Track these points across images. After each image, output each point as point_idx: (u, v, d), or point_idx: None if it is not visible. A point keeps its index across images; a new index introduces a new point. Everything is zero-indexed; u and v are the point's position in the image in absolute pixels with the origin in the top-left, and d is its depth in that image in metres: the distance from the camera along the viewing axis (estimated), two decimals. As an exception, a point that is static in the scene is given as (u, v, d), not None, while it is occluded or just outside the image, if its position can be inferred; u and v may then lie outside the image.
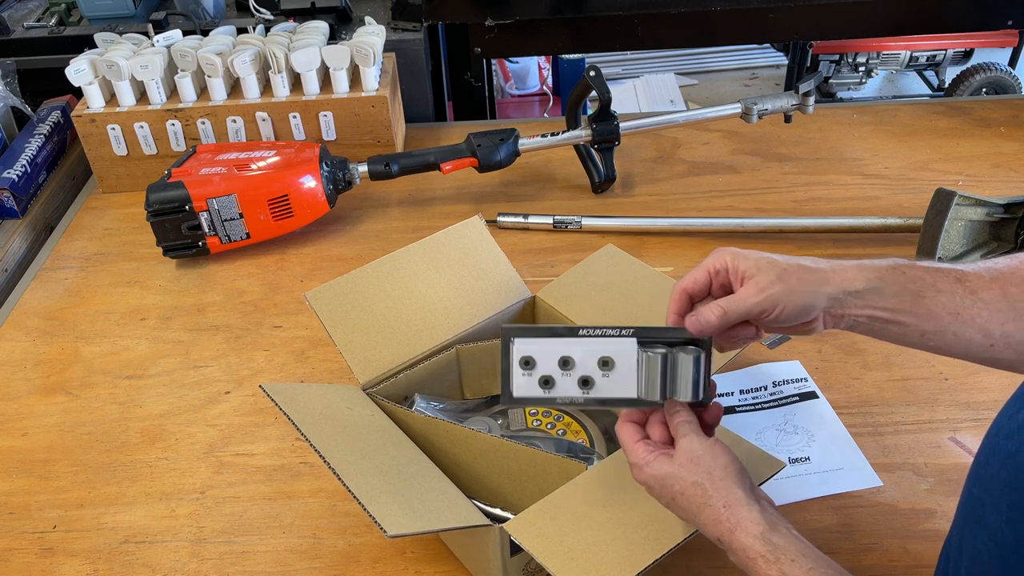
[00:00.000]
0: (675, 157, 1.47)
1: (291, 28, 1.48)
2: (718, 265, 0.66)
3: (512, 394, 0.67)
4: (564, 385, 0.66)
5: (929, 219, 1.08)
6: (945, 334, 0.64)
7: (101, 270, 1.29)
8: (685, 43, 3.07)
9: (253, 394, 1.05)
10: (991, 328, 0.62)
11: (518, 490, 0.78)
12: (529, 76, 3.30)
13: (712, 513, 0.62)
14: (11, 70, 1.53)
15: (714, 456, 0.65)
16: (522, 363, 0.66)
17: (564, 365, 0.66)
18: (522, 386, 0.66)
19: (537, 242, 1.28)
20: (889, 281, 0.64)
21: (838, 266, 0.65)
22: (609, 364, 0.66)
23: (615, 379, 0.67)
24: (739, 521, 0.61)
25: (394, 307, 0.91)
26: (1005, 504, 0.48)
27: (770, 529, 0.61)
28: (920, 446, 0.92)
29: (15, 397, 1.08)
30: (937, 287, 0.63)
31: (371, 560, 0.85)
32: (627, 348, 0.67)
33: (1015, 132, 1.47)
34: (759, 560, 0.60)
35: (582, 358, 0.67)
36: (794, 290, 0.64)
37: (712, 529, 0.63)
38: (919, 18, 1.64)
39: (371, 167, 1.30)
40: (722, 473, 0.64)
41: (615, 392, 0.67)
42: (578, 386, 0.67)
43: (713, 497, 0.63)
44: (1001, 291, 0.62)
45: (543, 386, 0.66)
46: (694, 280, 0.67)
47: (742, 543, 0.61)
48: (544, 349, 0.66)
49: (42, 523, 0.91)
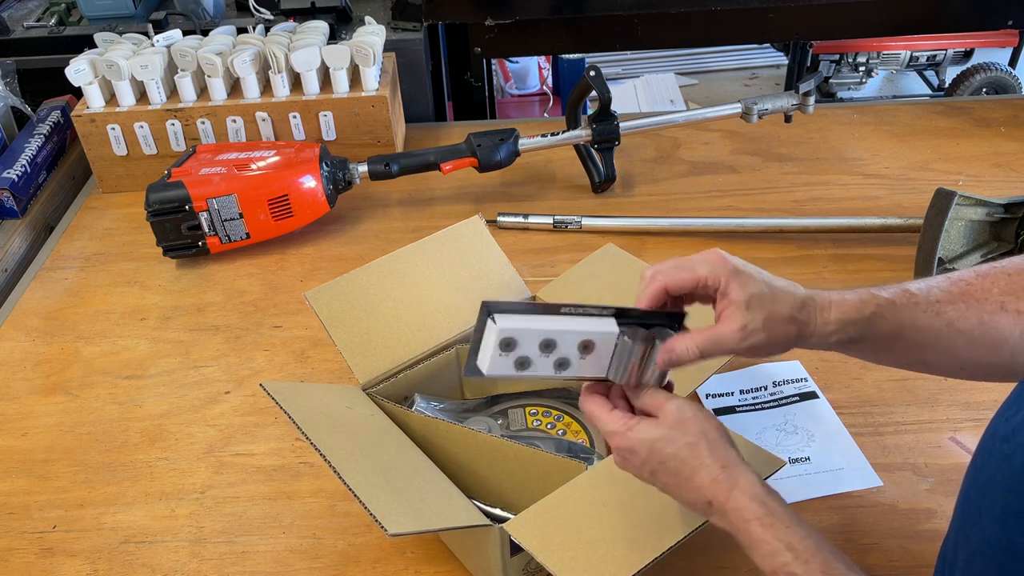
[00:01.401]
0: (675, 157, 1.47)
1: (291, 28, 1.48)
2: (710, 281, 0.64)
3: (480, 369, 0.63)
4: (539, 366, 0.64)
5: (929, 219, 1.08)
6: (926, 365, 0.67)
7: (101, 270, 1.29)
8: (685, 43, 3.07)
9: (253, 394, 1.05)
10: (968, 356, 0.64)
11: (518, 490, 0.78)
12: (529, 76, 3.30)
13: (709, 473, 0.61)
14: (11, 70, 1.53)
15: (706, 418, 0.64)
16: (502, 344, 0.62)
17: (545, 348, 0.64)
18: (496, 364, 0.63)
19: (537, 242, 1.28)
20: (868, 333, 0.64)
21: (822, 314, 0.64)
22: (589, 348, 0.65)
23: (590, 361, 0.66)
24: (736, 481, 0.61)
25: (394, 307, 0.91)
26: (1000, 507, 0.48)
27: (766, 493, 0.61)
28: (920, 446, 0.92)
29: (15, 397, 1.08)
30: (915, 324, 0.64)
31: (371, 560, 0.85)
32: (607, 328, 0.65)
33: (1015, 132, 1.47)
34: (754, 522, 0.59)
35: (564, 341, 0.64)
36: (775, 342, 0.63)
37: (708, 490, 0.61)
38: (919, 18, 1.64)
39: (371, 167, 1.30)
40: (716, 435, 0.63)
41: (587, 372, 0.66)
42: (553, 368, 0.65)
43: (710, 457, 0.62)
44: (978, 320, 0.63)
45: (518, 367, 0.64)
46: (679, 283, 0.65)
47: (738, 504, 0.60)
48: (526, 330, 0.63)
49: (42, 523, 0.91)
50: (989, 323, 0.62)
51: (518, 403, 0.95)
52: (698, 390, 0.99)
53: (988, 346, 0.63)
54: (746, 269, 0.64)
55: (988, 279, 0.64)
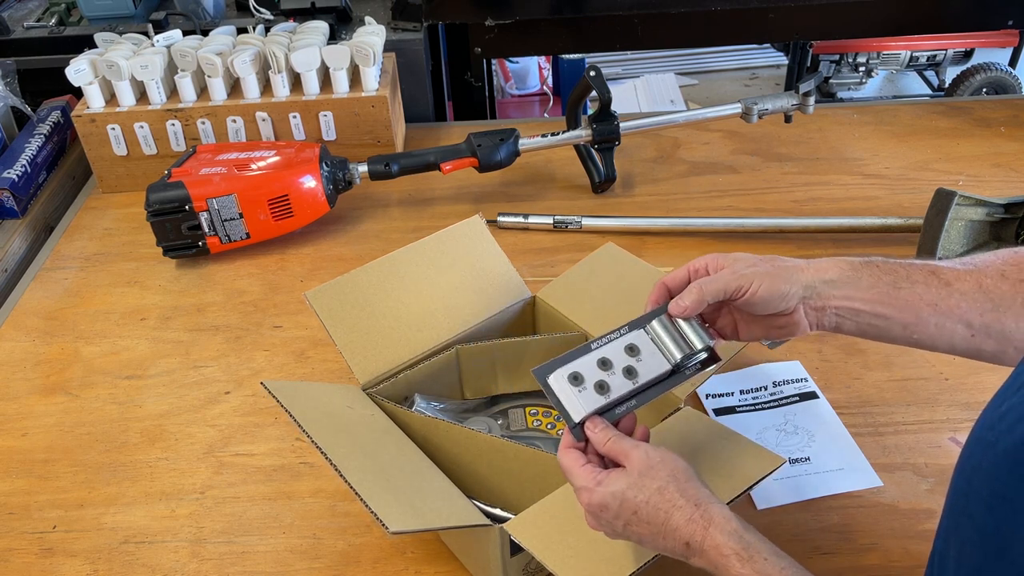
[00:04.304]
0: (675, 157, 1.47)
1: (291, 28, 1.48)
2: (697, 265, 0.70)
3: (576, 420, 0.67)
4: (616, 383, 0.68)
5: (929, 219, 1.08)
6: (927, 326, 0.65)
7: (101, 270, 1.29)
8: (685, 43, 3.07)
9: (253, 394, 1.05)
10: (971, 318, 0.64)
11: (518, 490, 0.78)
12: (529, 76, 3.30)
13: (683, 514, 0.61)
14: (11, 70, 1.53)
15: (673, 459, 0.64)
16: (571, 379, 0.68)
17: (603, 365, 0.68)
18: (582, 402, 0.67)
19: (537, 242, 1.28)
20: (863, 273, 0.66)
21: (813, 261, 0.68)
22: (635, 350, 0.69)
23: (647, 361, 0.69)
24: (712, 518, 0.61)
25: (394, 307, 0.91)
26: (986, 493, 0.48)
27: (743, 527, 0.61)
28: (920, 446, 0.92)
29: (15, 397, 1.08)
30: (911, 278, 0.65)
31: (371, 560, 0.85)
32: (634, 336, 0.70)
33: (1015, 132, 1.47)
34: (732, 558, 0.59)
35: (613, 354, 0.69)
36: (767, 272, 0.67)
37: (684, 531, 0.61)
38: (919, 18, 1.64)
39: (371, 167, 1.30)
40: (685, 475, 0.64)
41: (654, 370, 0.69)
42: (625, 377, 0.68)
43: (681, 497, 0.62)
44: (976, 282, 0.64)
45: (599, 391, 0.68)
46: (674, 276, 0.71)
47: (715, 541, 0.60)
48: (578, 360, 0.69)
49: (42, 523, 0.91)
50: (990, 287, 0.64)
51: (518, 403, 0.95)
52: (698, 390, 0.99)
53: (993, 310, 0.63)
54: (734, 254, 0.70)
55: (993, 255, 0.66)
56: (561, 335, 0.93)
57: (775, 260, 0.68)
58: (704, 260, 0.70)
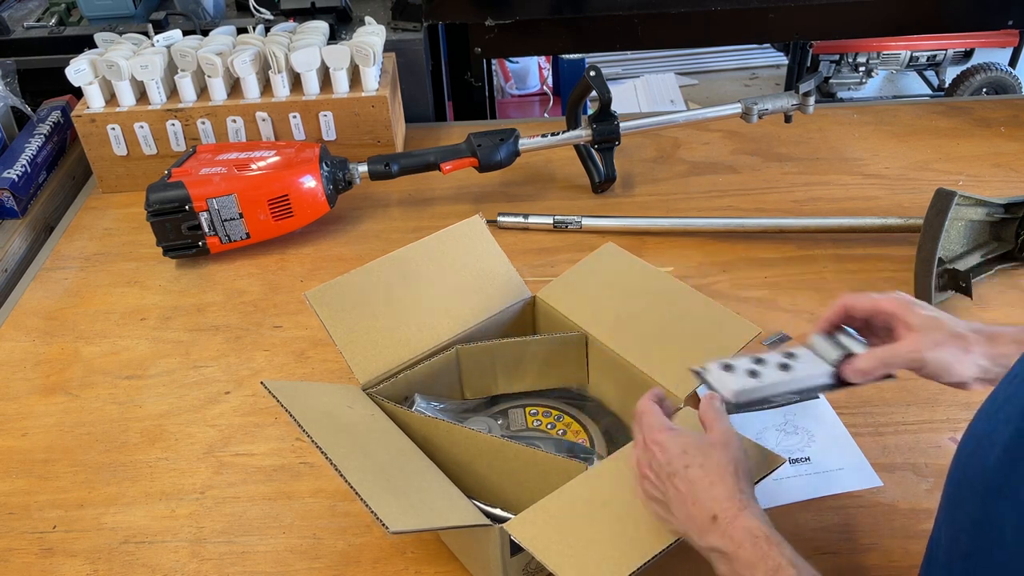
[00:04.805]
0: (675, 157, 1.47)
1: (291, 28, 1.48)
2: (885, 306, 0.73)
3: (730, 398, 0.72)
4: (768, 374, 0.73)
5: (929, 219, 1.08)
6: None
7: (101, 270, 1.29)
8: (685, 43, 3.07)
9: (253, 394, 1.05)
10: None
11: (518, 490, 0.78)
12: (529, 76, 3.30)
13: (727, 490, 0.64)
14: (11, 70, 1.53)
15: (745, 457, 0.68)
16: (723, 367, 0.74)
17: (758, 362, 0.75)
18: (735, 383, 0.73)
19: (537, 242, 1.28)
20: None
21: (997, 335, 0.70)
22: (792, 355, 0.75)
23: (802, 360, 0.75)
24: (749, 504, 0.63)
25: (394, 307, 0.91)
26: (980, 484, 0.49)
27: (770, 523, 0.63)
28: (920, 446, 0.92)
29: (15, 397, 1.08)
30: None
31: (371, 560, 0.85)
32: (794, 348, 0.76)
33: (1015, 132, 1.47)
34: (762, 539, 0.61)
35: (769, 356, 0.76)
36: (952, 361, 0.69)
37: (720, 504, 0.63)
38: (919, 18, 1.64)
39: (371, 167, 1.30)
40: (746, 471, 0.67)
41: (808, 367, 0.74)
42: (779, 369, 0.74)
43: (734, 478, 0.65)
44: None
45: (751, 376, 0.73)
46: (861, 303, 0.75)
47: (749, 522, 0.62)
48: (735, 359, 0.75)
49: (42, 523, 0.91)
50: None
51: (518, 403, 0.95)
52: (698, 390, 0.99)
53: None
54: (921, 303, 0.73)
55: None
56: (561, 335, 0.93)
57: (959, 334, 0.70)
58: (894, 304, 0.73)
